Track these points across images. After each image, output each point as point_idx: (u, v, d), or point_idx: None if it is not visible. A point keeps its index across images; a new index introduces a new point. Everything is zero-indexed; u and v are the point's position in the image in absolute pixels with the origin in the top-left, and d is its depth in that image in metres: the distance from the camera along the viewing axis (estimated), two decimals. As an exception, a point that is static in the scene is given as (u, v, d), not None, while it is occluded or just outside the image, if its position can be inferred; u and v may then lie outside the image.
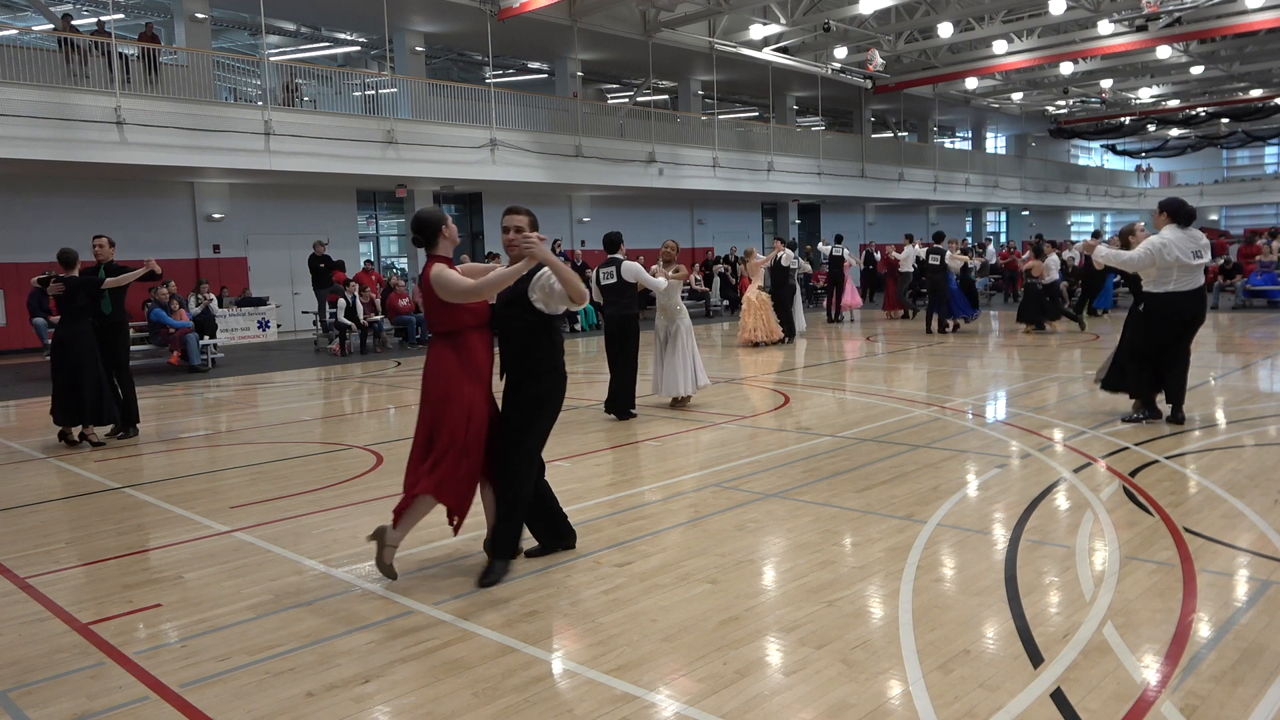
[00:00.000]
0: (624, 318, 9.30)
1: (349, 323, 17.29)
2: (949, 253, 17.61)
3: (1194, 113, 39.86)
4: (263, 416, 10.61)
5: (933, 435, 7.91)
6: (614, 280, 9.15)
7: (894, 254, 21.96)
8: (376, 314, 18.03)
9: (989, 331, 17.93)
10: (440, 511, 4.69)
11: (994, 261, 27.71)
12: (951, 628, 3.86)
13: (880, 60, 26.96)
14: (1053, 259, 17.68)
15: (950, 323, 17.56)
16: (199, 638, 4.02)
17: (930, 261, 17.76)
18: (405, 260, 25.65)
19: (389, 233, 26.37)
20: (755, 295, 15.94)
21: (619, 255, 9.22)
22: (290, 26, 24.68)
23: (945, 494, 5.97)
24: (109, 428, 9.08)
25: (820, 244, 23.97)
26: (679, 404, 9.86)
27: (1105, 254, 8.03)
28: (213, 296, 17.99)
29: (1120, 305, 19.76)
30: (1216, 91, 38.31)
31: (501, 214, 4.83)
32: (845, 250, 21.52)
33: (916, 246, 21.02)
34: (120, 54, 17.09)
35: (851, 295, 21.89)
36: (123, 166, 17.48)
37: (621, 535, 5.30)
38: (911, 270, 20.93)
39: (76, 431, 8.85)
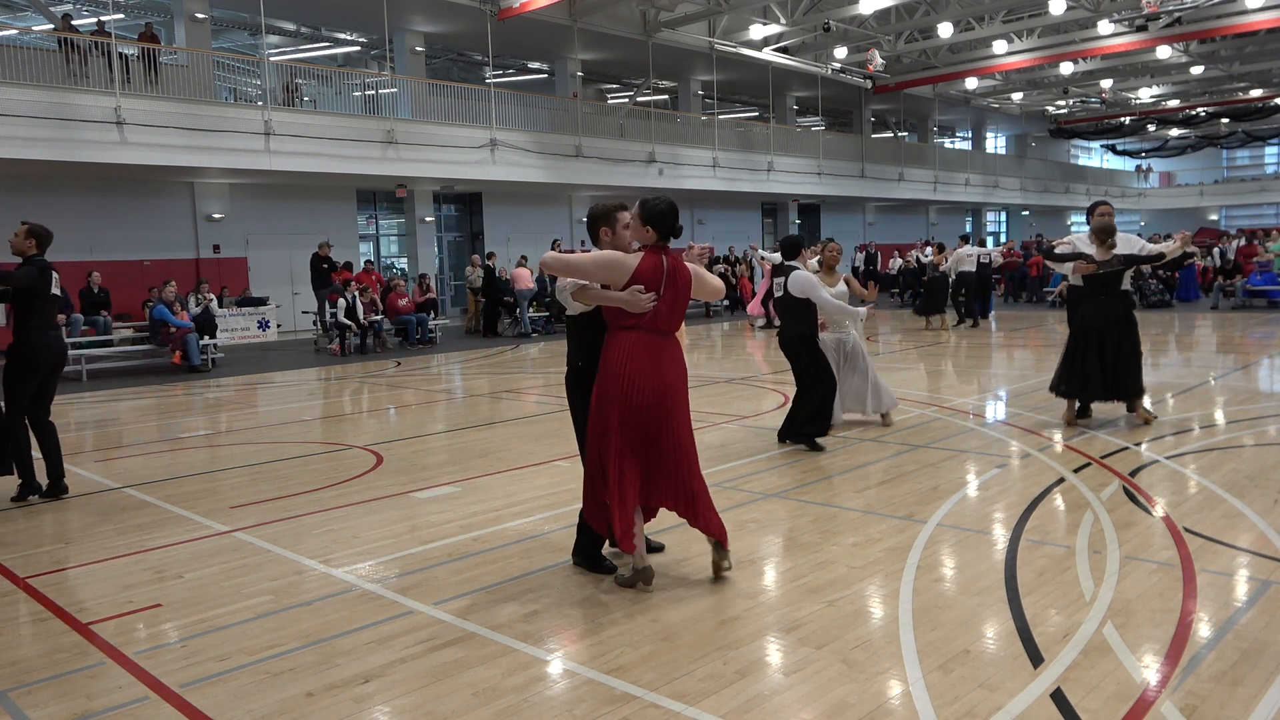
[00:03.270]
0: (793, 337, 7.49)
1: (349, 323, 17.28)
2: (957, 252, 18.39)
3: (1194, 113, 39.83)
4: (263, 416, 10.61)
5: (933, 435, 7.91)
6: (781, 294, 7.51)
7: (930, 255, 21.21)
8: (377, 314, 18.03)
9: (988, 331, 17.93)
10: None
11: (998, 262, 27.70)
12: (951, 628, 3.85)
13: (880, 60, 26.95)
14: (966, 250, 19.15)
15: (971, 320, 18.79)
16: (199, 638, 4.02)
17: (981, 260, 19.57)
18: (405, 260, 25.65)
19: (389, 233, 26.37)
20: None
21: (795, 264, 7.55)
22: (290, 26, 24.68)
23: (945, 494, 5.97)
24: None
25: (754, 248, 23.73)
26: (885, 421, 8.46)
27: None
28: (213, 296, 17.98)
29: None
30: (1216, 91, 38.29)
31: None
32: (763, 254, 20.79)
33: (970, 247, 20.31)
34: (120, 54, 17.08)
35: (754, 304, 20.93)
36: (123, 166, 17.47)
37: (621, 535, 5.29)
38: (972, 270, 19.87)
39: None
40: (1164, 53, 28.66)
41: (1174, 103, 39.95)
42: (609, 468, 4.38)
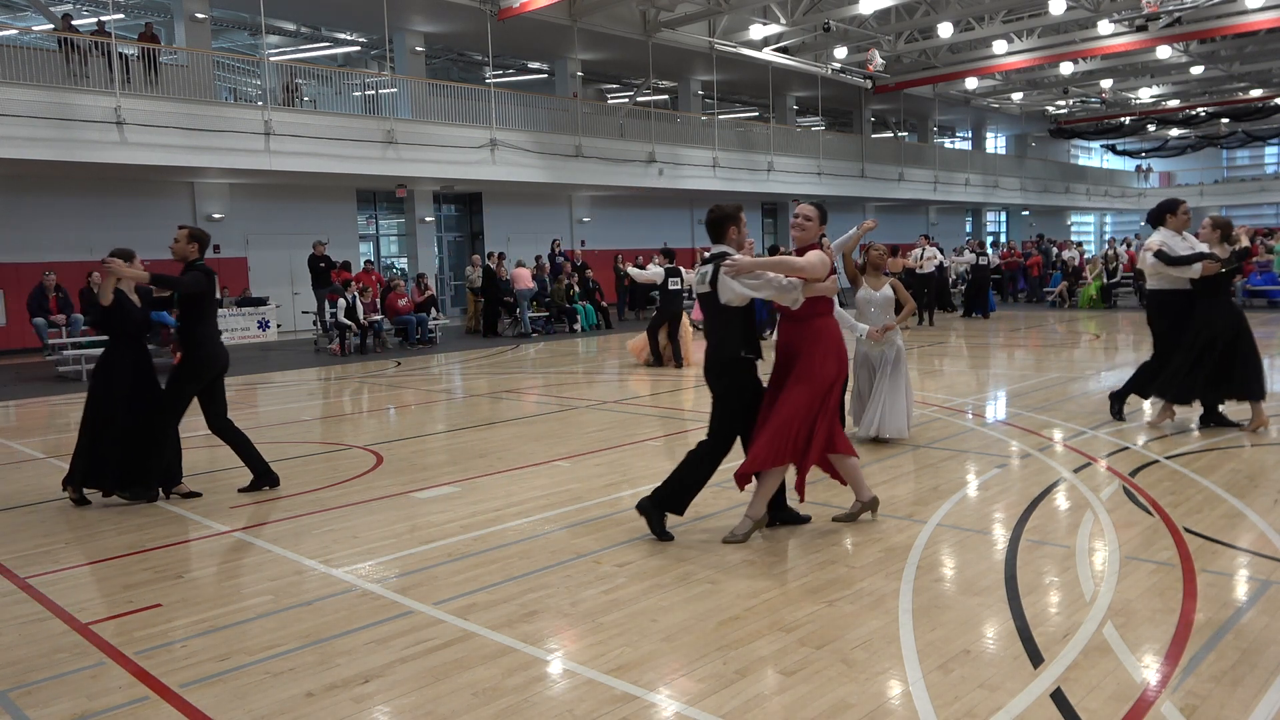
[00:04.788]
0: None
1: (349, 323, 17.29)
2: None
3: (1194, 113, 39.81)
4: (263, 416, 10.60)
5: (933, 435, 7.91)
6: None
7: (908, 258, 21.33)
8: (376, 314, 18.03)
9: (988, 331, 17.93)
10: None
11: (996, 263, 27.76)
12: (951, 628, 3.85)
13: (880, 60, 26.95)
14: (931, 250, 19.94)
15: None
16: (199, 638, 4.02)
17: (980, 262, 20.76)
18: (405, 260, 25.65)
19: (389, 233, 26.38)
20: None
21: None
22: (290, 26, 24.68)
23: (945, 494, 5.97)
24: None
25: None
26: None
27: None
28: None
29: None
30: (1216, 91, 38.28)
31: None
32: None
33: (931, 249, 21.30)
34: (120, 54, 17.08)
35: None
36: (123, 166, 17.48)
37: (621, 535, 5.30)
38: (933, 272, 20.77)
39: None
40: (1164, 53, 28.67)
41: (1174, 103, 39.94)
42: (817, 434, 5.00)
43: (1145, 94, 37.96)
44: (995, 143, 46.53)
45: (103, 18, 19.59)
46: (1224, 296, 7.57)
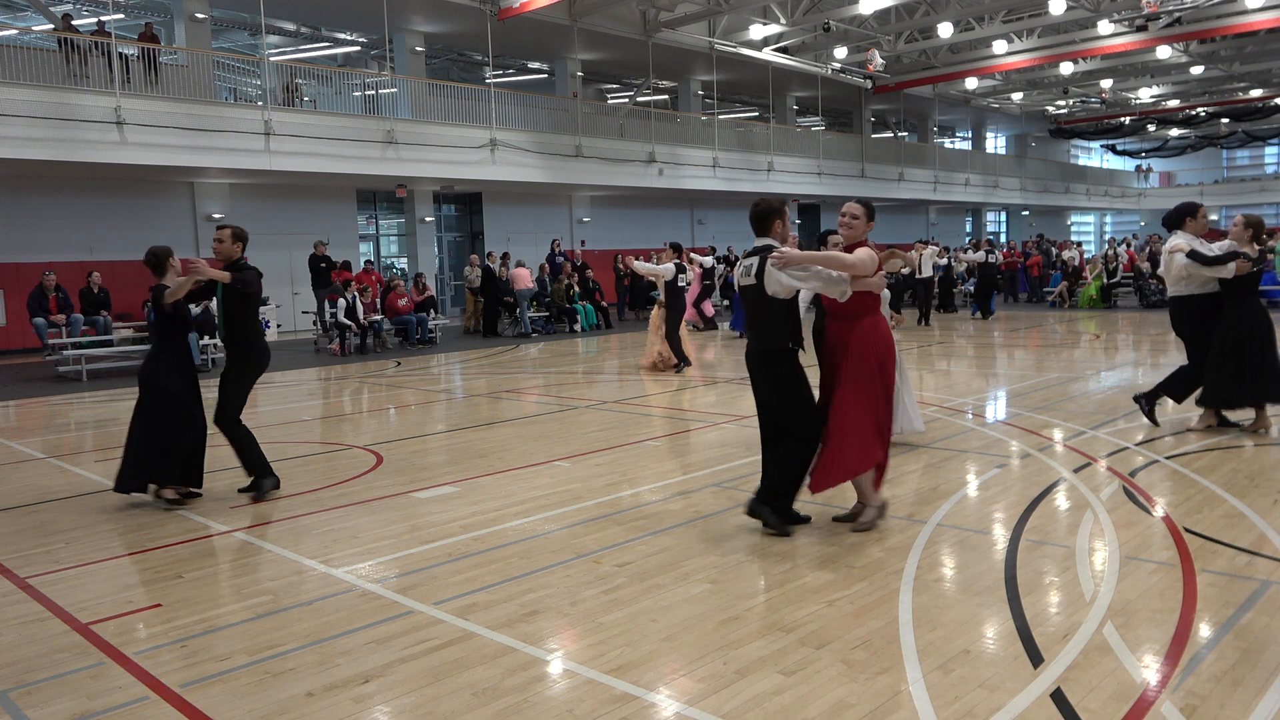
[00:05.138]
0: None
1: (349, 323, 17.29)
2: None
3: (1194, 113, 39.81)
4: (263, 416, 10.59)
5: (933, 435, 7.90)
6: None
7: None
8: (376, 314, 18.03)
9: (988, 331, 17.94)
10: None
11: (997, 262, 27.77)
12: (951, 628, 3.85)
13: (880, 60, 26.93)
14: (928, 252, 20.00)
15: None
16: (199, 638, 4.02)
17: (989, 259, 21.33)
18: (405, 260, 25.65)
19: (389, 233, 26.38)
20: (654, 316, 13.42)
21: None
22: (290, 26, 24.68)
23: (945, 494, 5.97)
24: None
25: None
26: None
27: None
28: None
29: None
30: (1216, 91, 38.28)
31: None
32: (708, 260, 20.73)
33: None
34: (120, 54, 17.08)
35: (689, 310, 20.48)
36: (123, 166, 17.47)
37: (621, 535, 5.30)
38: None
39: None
40: (1164, 53, 28.66)
41: (1174, 103, 39.94)
42: (889, 427, 5.24)
43: (1145, 94, 37.96)
44: (995, 143, 46.53)
45: (103, 18, 19.59)
46: (1253, 297, 7.46)
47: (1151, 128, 42.07)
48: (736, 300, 17.38)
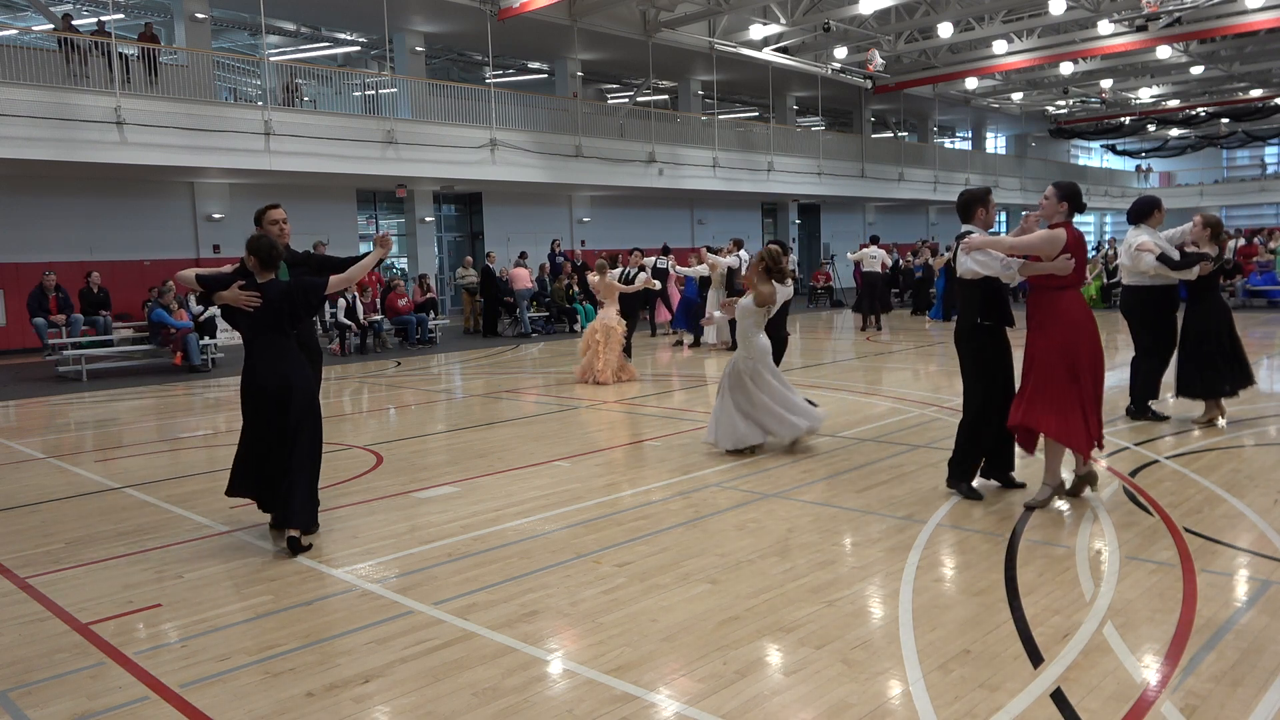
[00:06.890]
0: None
1: (349, 323, 17.29)
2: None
3: (1194, 113, 39.80)
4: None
5: (933, 435, 7.91)
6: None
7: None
8: (376, 314, 18.03)
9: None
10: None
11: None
12: (951, 628, 3.85)
13: (880, 60, 26.92)
14: (870, 251, 19.54)
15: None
16: (199, 638, 4.02)
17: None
18: (405, 260, 25.65)
19: (389, 233, 26.35)
20: (605, 325, 12.16)
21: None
22: (290, 26, 24.67)
23: (945, 494, 5.97)
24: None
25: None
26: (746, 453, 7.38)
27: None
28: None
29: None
30: (1216, 91, 38.27)
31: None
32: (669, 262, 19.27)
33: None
34: (120, 54, 17.07)
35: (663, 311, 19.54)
36: (123, 166, 17.47)
37: (621, 535, 5.30)
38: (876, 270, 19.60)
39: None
40: (1164, 53, 28.65)
41: (1174, 103, 39.93)
42: (1088, 399, 5.39)
43: (1145, 94, 37.95)
44: (995, 143, 46.53)
45: (103, 18, 19.58)
46: (1214, 293, 7.97)
47: (1151, 128, 42.07)
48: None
